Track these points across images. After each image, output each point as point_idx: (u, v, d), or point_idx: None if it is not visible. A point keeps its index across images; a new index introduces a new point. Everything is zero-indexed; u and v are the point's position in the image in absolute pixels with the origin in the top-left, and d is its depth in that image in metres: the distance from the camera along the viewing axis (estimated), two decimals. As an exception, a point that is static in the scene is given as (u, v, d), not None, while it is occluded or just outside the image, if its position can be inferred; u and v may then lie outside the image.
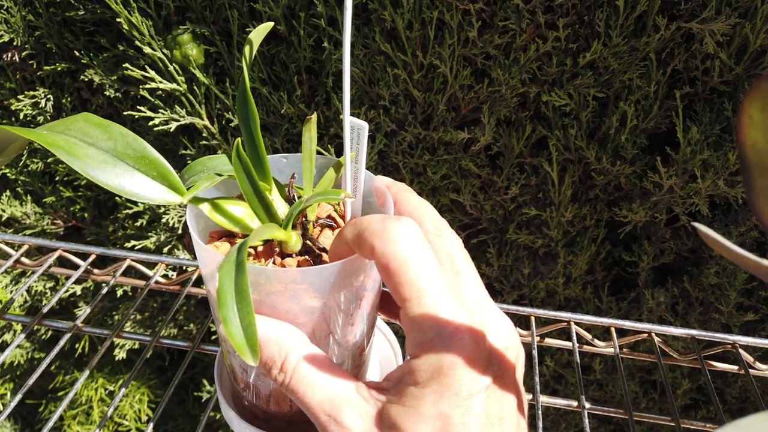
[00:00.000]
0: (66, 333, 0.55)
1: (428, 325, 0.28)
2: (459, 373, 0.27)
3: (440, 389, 0.27)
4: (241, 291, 0.28)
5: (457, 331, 0.27)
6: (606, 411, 0.52)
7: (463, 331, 0.27)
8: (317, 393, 0.30)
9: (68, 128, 0.34)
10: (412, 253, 0.28)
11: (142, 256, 0.62)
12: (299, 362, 0.30)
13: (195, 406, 1.32)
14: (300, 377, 0.30)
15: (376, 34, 0.62)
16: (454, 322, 0.28)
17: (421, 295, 0.28)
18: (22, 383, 1.31)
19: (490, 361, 0.28)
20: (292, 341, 0.31)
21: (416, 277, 0.28)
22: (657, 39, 0.58)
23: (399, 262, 0.28)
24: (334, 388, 0.30)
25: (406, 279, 0.28)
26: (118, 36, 0.70)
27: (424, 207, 0.36)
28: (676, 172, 0.64)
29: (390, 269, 0.28)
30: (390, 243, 0.29)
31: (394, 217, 0.30)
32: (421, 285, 0.28)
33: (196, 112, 0.68)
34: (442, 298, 0.28)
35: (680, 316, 0.80)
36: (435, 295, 0.28)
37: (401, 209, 0.36)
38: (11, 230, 0.88)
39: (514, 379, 0.30)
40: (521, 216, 0.76)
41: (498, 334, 0.30)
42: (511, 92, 0.64)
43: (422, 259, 0.29)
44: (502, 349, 0.30)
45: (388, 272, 0.29)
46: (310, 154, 0.39)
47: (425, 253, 0.29)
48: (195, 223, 0.38)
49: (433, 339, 0.27)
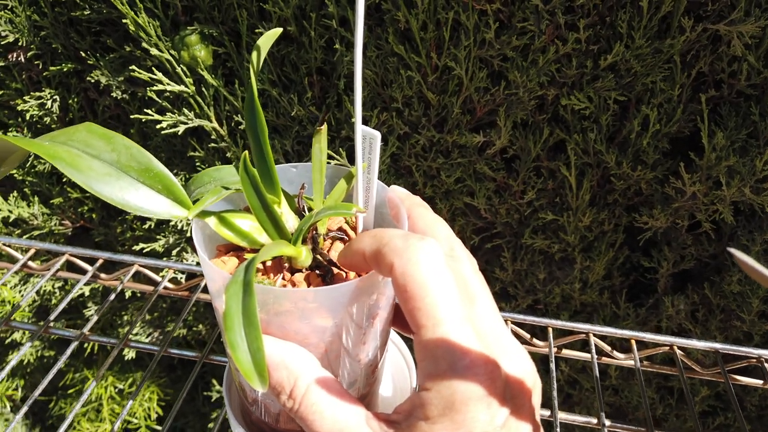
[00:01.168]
0: (73, 341, 0.54)
1: (442, 355, 0.26)
2: (472, 409, 0.26)
3: (452, 426, 0.26)
4: (248, 314, 0.27)
5: (472, 364, 0.26)
6: (626, 428, 0.50)
7: (479, 364, 0.26)
8: (326, 422, 0.29)
9: (70, 138, 0.32)
10: (432, 278, 0.27)
11: (149, 261, 0.61)
12: (309, 388, 0.29)
13: (205, 404, 1.32)
14: (309, 404, 0.29)
15: (389, 36, 0.60)
16: (469, 353, 0.26)
17: (437, 324, 0.26)
18: (32, 381, 1.31)
19: (505, 395, 0.27)
20: (301, 366, 0.30)
21: (434, 304, 0.27)
22: (682, 41, 0.56)
23: (418, 286, 0.27)
24: (343, 418, 0.28)
25: (424, 305, 0.27)
26: (125, 36, 0.69)
27: (438, 225, 0.34)
28: (699, 179, 0.62)
29: (408, 292, 0.27)
30: (410, 264, 0.27)
31: (417, 236, 0.28)
32: (438, 313, 0.27)
33: (204, 114, 0.66)
34: (459, 328, 0.27)
35: (700, 323, 0.78)
36: (451, 325, 0.26)
37: (414, 226, 0.35)
38: (18, 231, 0.87)
39: (530, 410, 0.28)
40: (537, 221, 0.74)
41: (514, 363, 0.29)
42: (529, 95, 0.62)
43: (442, 285, 0.27)
44: (519, 379, 0.29)
45: (406, 295, 0.27)
46: (320, 165, 0.38)
47: (445, 279, 0.27)
48: (201, 237, 0.36)
49: (446, 370, 0.26)
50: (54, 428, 1.48)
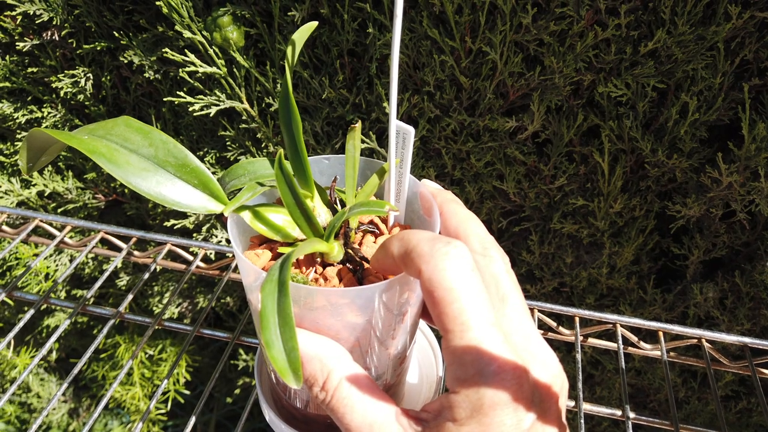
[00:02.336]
0: (110, 319, 0.56)
1: (470, 360, 0.26)
2: (500, 413, 0.26)
3: (480, 429, 0.26)
4: (284, 314, 0.27)
5: (499, 369, 0.26)
6: (651, 422, 0.50)
7: (507, 369, 0.26)
8: (356, 416, 0.29)
9: (109, 133, 0.33)
10: (459, 283, 0.27)
11: (182, 241, 0.62)
12: (341, 382, 0.30)
13: (231, 370, 1.35)
14: (341, 398, 0.30)
15: (423, 19, 0.59)
16: (497, 359, 0.26)
17: (465, 329, 0.27)
18: (66, 344, 1.35)
19: (533, 399, 0.27)
20: (335, 360, 0.31)
21: (461, 309, 0.27)
22: (727, 28, 0.54)
23: (445, 291, 0.27)
24: (373, 413, 0.29)
25: (451, 310, 0.27)
26: (157, 16, 0.69)
27: (471, 222, 0.34)
28: (737, 169, 0.61)
29: (435, 297, 0.27)
30: (437, 270, 0.27)
31: (444, 239, 0.28)
32: (465, 318, 0.27)
33: (235, 95, 0.66)
34: (487, 334, 0.27)
35: (728, 310, 0.77)
36: (479, 330, 0.27)
37: (447, 222, 0.35)
38: (53, 204, 0.89)
39: (557, 413, 0.29)
40: (567, 205, 0.73)
41: (542, 368, 0.29)
42: (564, 80, 0.61)
43: (470, 289, 0.27)
44: (547, 384, 0.29)
45: (433, 299, 0.27)
46: (354, 161, 0.38)
47: (473, 284, 0.27)
48: (236, 231, 0.37)
49: (474, 376, 0.26)
50: (87, 389, 1.54)
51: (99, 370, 1.35)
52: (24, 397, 1.47)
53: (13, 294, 0.58)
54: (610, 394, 0.93)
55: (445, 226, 0.34)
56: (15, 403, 1.48)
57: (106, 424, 1.59)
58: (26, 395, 1.47)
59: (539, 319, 0.55)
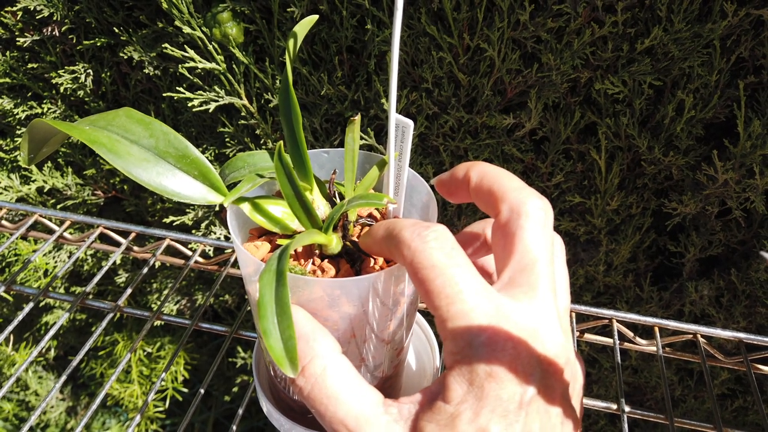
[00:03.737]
0: (108, 313, 0.56)
1: (459, 333, 0.25)
2: (495, 386, 0.25)
3: (476, 405, 0.25)
4: (281, 303, 0.28)
5: (490, 340, 0.25)
6: (646, 416, 0.50)
7: (498, 340, 0.25)
8: (340, 407, 0.27)
9: (110, 123, 0.33)
10: (440, 260, 0.27)
11: (181, 236, 0.62)
12: (324, 371, 0.28)
13: (229, 368, 1.36)
14: (323, 387, 0.28)
15: (422, 15, 0.59)
16: (486, 329, 0.25)
17: (451, 302, 0.26)
18: (65, 341, 1.35)
19: (533, 373, 0.25)
20: (321, 346, 0.29)
21: (444, 283, 0.26)
22: (723, 26, 0.54)
23: (427, 270, 0.27)
24: (359, 404, 0.27)
25: (434, 286, 0.26)
26: (157, 12, 0.69)
27: (504, 179, 0.31)
28: (733, 166, 0.61)
29: (419, 277, 0.27)
30: (418, 252, 0.27)
31: (423, 224, 0.28)
32: (449, 291, 0.26)
33: (234, 92, 0.66)
34: (474, 304, 0.26)
35: (724, 308, 0.77)
36: (466, 302, 0.26)
37: (480, 185, 0.32)
38: (53, 200, 0.89)
39: (562, 392, 0.27)
40: (564, 203, 0.74)
41: (547, 338, 0.26)
42: (562, 77, 0.61)
43: (452, 263, 0.27)
44: (550, 358, 0.26)
45: (418, 280, 0.27)
46: (353, 154, 0.38)
47: (456, 258, 0.27)
48: (235, 223, 0.37)
49: (464, 348, 0.25)
50: (85, 386, 1.54)
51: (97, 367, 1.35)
52: (22, 395, 1.47)
53: (12, 288, 0.58)
54: (606, 392, 0.94)
55: (480, 189, 0.31)
56: (13, 401, 1.48)
57: (104, 422, 1.59)
58: (24, 393, 1.47)
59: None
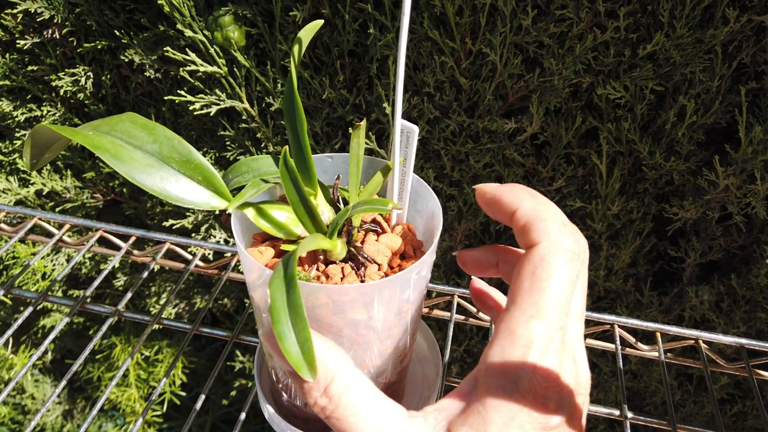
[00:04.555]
0: (108, 317, 0.56)
1: (522, 344, 0.27)
2: (528, 412, 0.26)
3: (509, 415, 0.26)
4: (294, 307, 0.27)
5: (540, 362, 0.26)
6: (648, 422, 0.50)
7: (543, 370, 0.27)
8: (368, 425, 0.28)
9: (113, 129, 0.33)
10: (561, 276, 0.27)
11: (181, 240, 0.62)
12: (347, 389, 0.28)
13: (227, 372, 1.35)
14: (348, 406, 0.28)
15: (424, 20, 0.59)
16: (544, 353, 0.27)
17: (535, 316, 0.27)
18: (62, 345, 1.35)
19: (562, 403, 0.27)
20: (338, 364, 0.29)
21: (546, 299, 0.27)
22: (725, 31, 0.54)
23: (547, 274, 0.27)
24: (386, 419, 0.28)
25: (537, 292, 0.27)
26: (158, 15, 0.69)
27: (547, 210, 0.30)
28: (734, 172, 0.61)
29: (535, 274, 0.27)
30: (554, 254, 0.27)
31: (570, 231, 0.28)
32: (543, 307, 0.27)
33: (236, 95, 0.66)
34: (548, 331, 0.27)
35: (724, 313, 0.77)
36: (546, 324, 0.27)
37: (517, 211, 0.30)
38: (51, 203, 0.89)
39: (579, 420, 0.28)
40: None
41: (577, 375, 0.29)
42: (564, 82, 0.61)
43: (564, 287, 0.27)
44: (575, 390, 0.28)
45: (533, 276, 0.27)
46: (358, 159, 0.38)
47: (570, 284, 0.27)
48: (239, 228, 0.37)
49: (517, 360, 0.26)
50: (82, 390, 1.53)
51: (94, 371, 1.34)
52: (18, 399, 1.46)
53: (11, 291, 0.57)
54: (606, 396, 0.94)
55: (509, 209, 0.31)
56: (9, 405, 1.47)
57: (100, 426, 1.59)
58: (20, 396, 1.46)
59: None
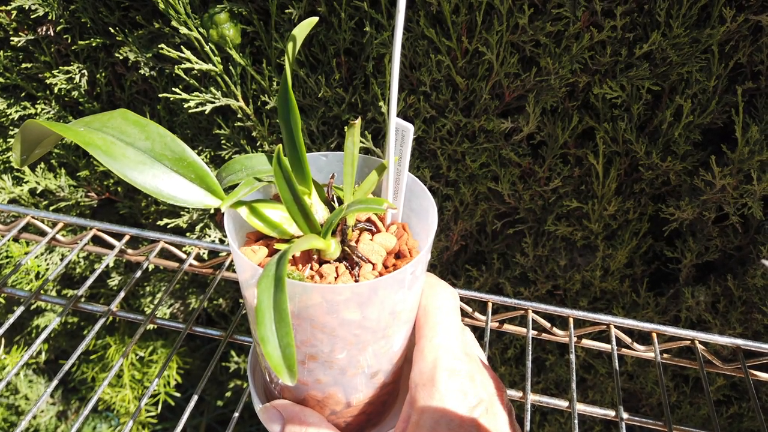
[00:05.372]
0: (101, 317, 0.55)
1: (432, 357, 0.35)
2: (453, 405, 0.33)
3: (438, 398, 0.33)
4: (279, 310, 0.27)
5: (456, 365, 0.34)
6: (644, 423, 0.50)
7: (462, 367, 0.35)
8: None
9: (105, 125, 0.33)
10: (446, 307, 0.37)
11: (175, 239, 0.62)
12: None
13: (222, 373, 1.35)
14: None
15: (420, 18, 0.59)
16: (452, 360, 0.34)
17: (436, 335, 0.35)
18: (56, 345, 1.34)
19: (484, 392, 0.34)
20: (312, 418, 0.36)
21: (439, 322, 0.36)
22: (722, 31, 0.54)
23: (435, 308, 0.37)
24: None
25: (432, 319, 0.36)
26: (153, 12, 0.69)
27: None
28: (730, 172, 0.61)
29: (426, 310, 0.37)
30: (433, 296, 0.38)
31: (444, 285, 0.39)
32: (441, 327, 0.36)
33: (231, 93, 0.66)
34: (455, 342, 0.35)
35: (720, 314, 0.77)
36: (450, 338, 0.35)
37: None
38: (45, 202, 0.88)
39: (501, 405, 0.35)
40: (561, 208, 0.73)
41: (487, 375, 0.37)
42: (560, 82, 0.61)
43: (453, 314, 0.37)
44: (491, 381, 0.36)
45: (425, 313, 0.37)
46: (352, 158, 0.38)
47: (455, 312, 0.37)
48: (232, 226, 0.37)
49: (432, 369, 0.34)
50: (76, 391, 1.52)
51: (88, 371, 1.34)
52: (12, 399, 1.45)
53: (4, 290, 0.57)
54: (602, 397, 0.94)
55: None
56: (3, 405, 1.46)
57: (94, 427, 1.58)
58: (14, 397, 1.45)
59: (534, 320, 0.55)
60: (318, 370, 0.35)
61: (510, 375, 0.93)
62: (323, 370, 0.35)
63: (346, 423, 0.40)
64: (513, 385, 0.95)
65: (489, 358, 0.93)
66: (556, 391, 0.95)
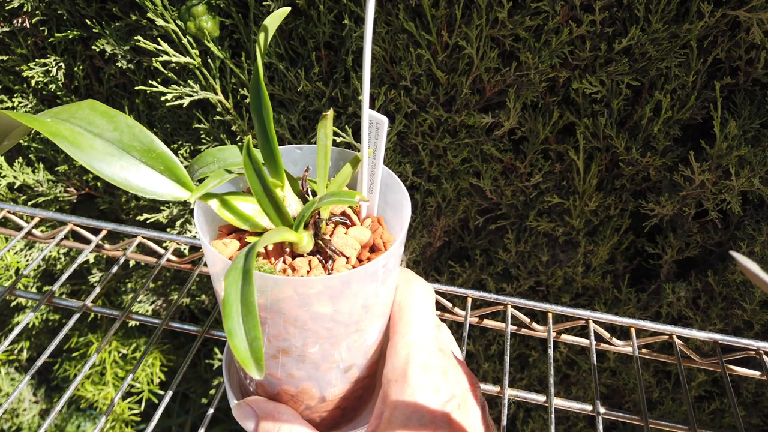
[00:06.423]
0: (76, 312, 0.55)
1: (405, 354, 0.35)
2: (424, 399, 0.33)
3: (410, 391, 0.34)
4: (247, 303, 0.27)
5: (428, 364, 0.34)
6: (621, 417, 0.50)
7: (435, 363, 0.35)
8: None
9: (73, 116, 0.32)
10: (422, 302, 0.38)
11: (153, 234, 0.61)
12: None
13: (207, 370, 1.34)
14: None
15: (399, 12, 0.59)
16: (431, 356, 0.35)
17: (410, 331, 0.36)
18: (37, 342, 1.33)
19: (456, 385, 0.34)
20: (287, 415, 0.36)
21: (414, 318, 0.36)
22: (700, 26, 0.54)
23: (410, 304, 0.37)
24: None
25: (408, 315, 0.36)
26: (131, 4, 0.68)
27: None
28: (709, 167, 0.61)
29: (401, 305, 0.37)
30: (409, 293, 0.38)
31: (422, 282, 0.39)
32: (416, 324, 0.36)
33: (210, 87, 0.65)
34: (430, 337, 0.36)
35: (701, 310, 0.78)
36: (427, 333, 0.36)
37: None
38: (24, 197, 0.87)
39: (473, 400, 0.35)
40: (543, 203, 0.74)
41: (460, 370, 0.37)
42: (540, 76, 0.61)
43: (428, 309, 0.38)
44: (464, 377, 0.36)
45: (399, 308, 0.37)
46: (325, 150, 0.37)
47: (431, 308, 0.38)
48: (203, 219, 0.36)
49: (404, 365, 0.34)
50: (59, 389, 1.51)
51: (71, 369, 1.32)
52: (-7, 397, 1.44)
53: (-23, 286, 0.56)
54: (585, 394, 0.94)
55: None
56: (-17, 403, 1.44)
57: (78, 425, 1.56)
58: (-5, 395, 1.43)
59: (513, 316, 0.55)
60: (291, 364, 0.35)
61: (493, 371, 0.93)
62: (296, 365, 0.35)
63: (321, 418, 0.39)
64: (496, 381, 0.95)
65: (472, 354, 0.93)
66: (539, 387, 0.95)
